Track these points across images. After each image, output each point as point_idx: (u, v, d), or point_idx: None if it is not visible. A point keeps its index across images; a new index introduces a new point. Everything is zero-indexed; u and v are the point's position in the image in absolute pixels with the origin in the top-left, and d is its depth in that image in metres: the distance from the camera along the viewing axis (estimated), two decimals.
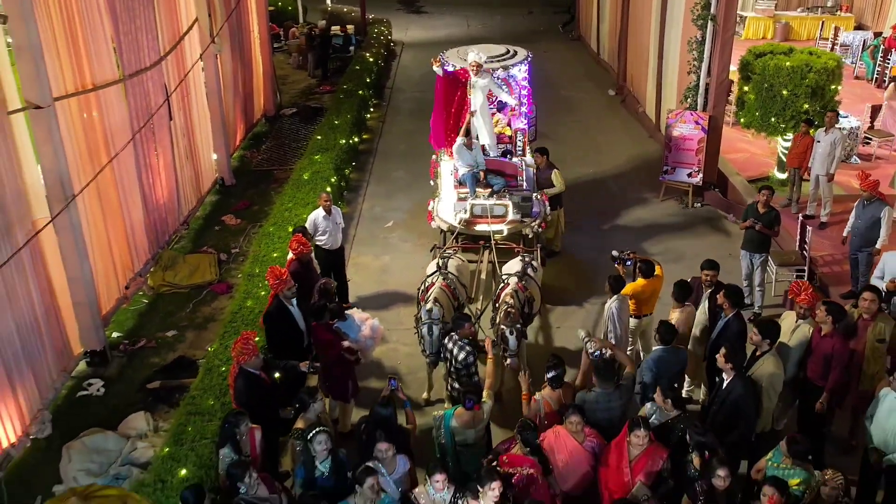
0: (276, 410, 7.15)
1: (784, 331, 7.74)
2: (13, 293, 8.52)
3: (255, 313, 9.47)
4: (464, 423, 6.86)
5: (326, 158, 14.33)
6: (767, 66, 13.10)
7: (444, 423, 6.85)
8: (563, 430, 6.62)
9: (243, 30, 17.47)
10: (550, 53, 25.19)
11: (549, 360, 7.24)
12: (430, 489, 5.95)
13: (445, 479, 5.92)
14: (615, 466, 6.31)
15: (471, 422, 6.88)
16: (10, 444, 8.49)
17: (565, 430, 6.59)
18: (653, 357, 7.46)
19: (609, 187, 15.04)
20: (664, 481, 6.17)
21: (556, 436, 6.67)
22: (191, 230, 13.72)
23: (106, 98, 10.63)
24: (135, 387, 9.76)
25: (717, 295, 8.02)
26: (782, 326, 7.90)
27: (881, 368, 7.67)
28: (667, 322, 7.66)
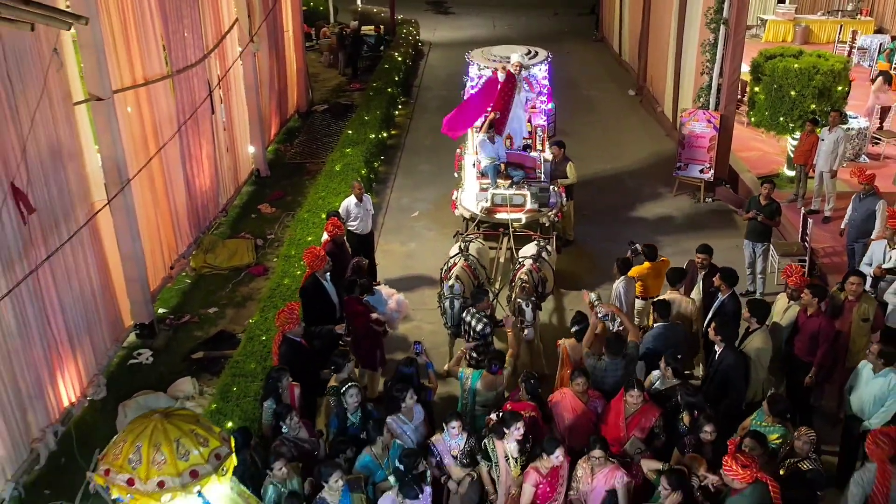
0: (315, 372, 7.98)
1: (777, 311, 8.46)
2: (74, 269, 9.40)
3: (292, 290, 10.32)
4: (486, 385, 7.67)
5: (357, 152, 15.18)
6: (777, 67, 13.76)
7: (472, 382, 7.67)
8: (569, 391, 7.39)
9: (279, 29, 18.36)
10: (574, 54, 25.93)
11: (574, 317, 8.28)
12: (446, 436, 6.75)
13: (460, 425, 6.72)
14: (613, 423, 7.07)
15: (492, 384, 7.69)
16: (70, 403, 9.39)
17: (571, 391, 7.36)
18: (652, 332, 8.20)
19: (625, 182, 15.75)
20: (656, 436, 6.93)
21: (562, 396, 7.45)
22: (229, 217, 14.62)
23: (155, 92, 11.52)
24: (180, 357, 10.65)
25: (711, 277, 8.76)
26: (776, 307, 8.64)
27: (866, 346, 8.35)
28: (662, 299, 8.39)
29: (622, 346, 7.66)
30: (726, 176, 14.73)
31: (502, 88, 12.26)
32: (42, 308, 8.69)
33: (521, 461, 6.57)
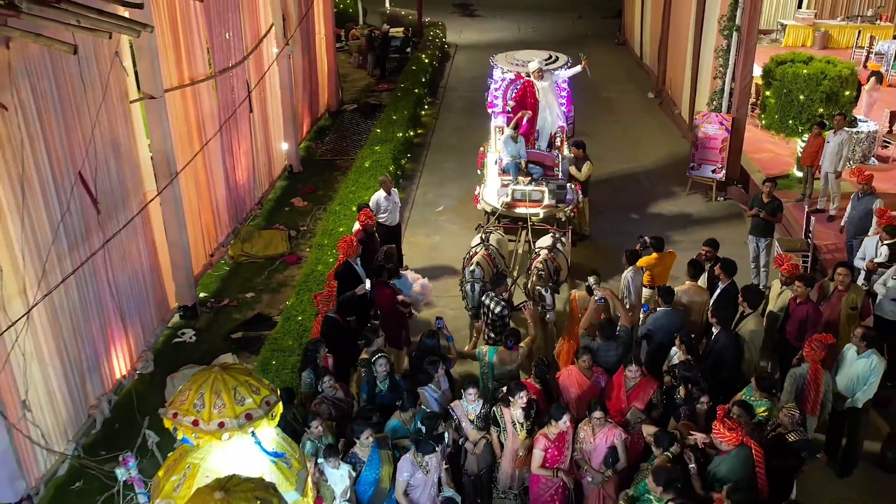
0: (350, 346, 8.80)
1: (772, 296, 9.17)
2: (128, 253, 10.31)
3: (325, 276, 11.15)
4: (501, 360, 8.46)
5: (385, 149, 16.01)
6: (787, 73, 14.41)
7: (489, 358, 8.47)
8: (575, 368, 8.15)
9: (311, 32, 19.22)
10: (596, 57, 26.26)
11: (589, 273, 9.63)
12: (464, 402, 7.54)
13: (476, 392, 7.51)
14: (615, 397, 7.82)
15: (507, 359, 8.48)
16: (122, 376, 10.29)
17: (577, 368, 8.12)
18: (653, 316, 8.94)
19: (640, 181, 16.45)
20: (654, 407, 7.67)
21: (569, 373, 8.22)
22: (264, 210, 15.50)
23: (199, 91, 12.42)
24: (220, 336, 11.53)
25: (714, 267, 9.48)
26: (771, 292, 9.38)
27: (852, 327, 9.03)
28: (667, 287, 9.12)
29: (614, 329, 8.43)
30: (737, 176, 15.38)
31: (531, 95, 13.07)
32: (99, 288, 9.58)
33: (527, 426, 7.34)
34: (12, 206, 7.77)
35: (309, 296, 10.80)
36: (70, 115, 8.75)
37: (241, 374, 5.54)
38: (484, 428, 7.55)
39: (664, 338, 8.60)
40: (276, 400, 5.47)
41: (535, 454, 7.31)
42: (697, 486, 6.78)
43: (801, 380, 7.80)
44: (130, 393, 10.24)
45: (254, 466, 5.34)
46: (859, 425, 8.18)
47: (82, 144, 8.92)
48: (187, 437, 5.35)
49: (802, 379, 7.79)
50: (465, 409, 7.56)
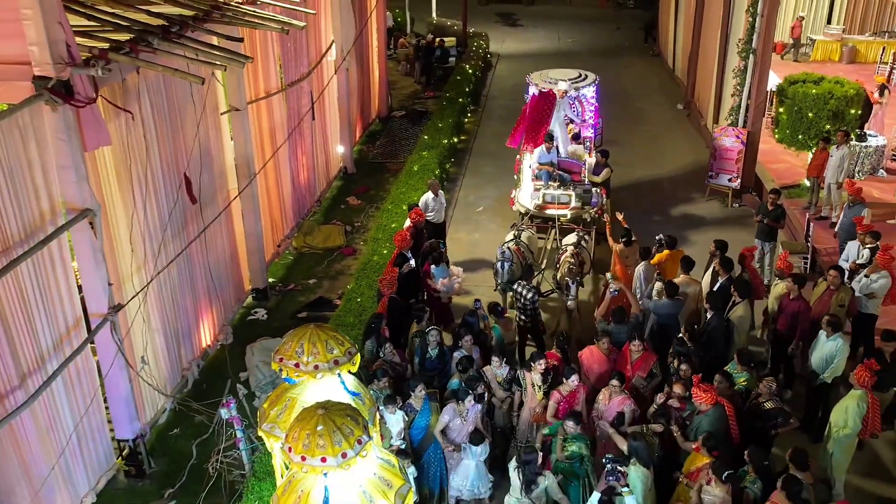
0: (406, 320, 10.59)
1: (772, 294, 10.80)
2: (215, 241, 12.15)
3: (380, 265, 12.92)
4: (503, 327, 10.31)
5: (432, 155, 17.75)
6: (798, 92, 15.85)
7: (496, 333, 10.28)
8: (596, 349, 9.78)
9: (364, 44, 21.04)
10: (630, 68, 28.11)
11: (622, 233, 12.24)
12: (493, 367, 9.25)
13: (502, 359, 9.23)
14: (622, 367, 9.46)
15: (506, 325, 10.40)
16: (207, 345, 12.15)
17: (597, 348, 9.75)
18: (657, 303, 10.55)
19: (663, 187, 17.97)
20: (654, 376, 9.30)
21: (591, 353, 9.87)
22: (322, 207, 17.33)
23: (272, 103, 14.25)
24: (288, 315, 13.33)
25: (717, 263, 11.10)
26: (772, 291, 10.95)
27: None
28: (670, 281, 10.72)
29: (625, 315, 10.08)
30: (752, 184, 16.85)
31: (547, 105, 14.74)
32: (192, 270, 11.44)
33: (543, 388, 9.03)
34: (138, 200, 9.63)
35: (366, 281, 12.60)
36: (177, 125, 10.60)
37: (330, 330, 7.30)
38: (508, 389, 9.25)
39: (666, 321, 10.21)
40: (355, 351, 7.21)
41: (550, 405, 8.96)
42: (680, 440, 8.40)
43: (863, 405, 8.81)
44: (213, 360, 12.12)
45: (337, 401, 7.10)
46: (830, 399, 9.68)
47: (185, 150, 10.78)
48: (290, 377, 7.11)
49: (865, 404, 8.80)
50: (494, 372, 9.27)
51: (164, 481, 9.88)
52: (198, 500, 9.42)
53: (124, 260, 9.53)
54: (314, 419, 6.29)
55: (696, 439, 8.18)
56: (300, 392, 7.24)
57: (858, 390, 8.82)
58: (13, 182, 7.65)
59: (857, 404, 8.82)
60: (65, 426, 8.75)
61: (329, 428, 6.19)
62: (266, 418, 7.35)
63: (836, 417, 8.99)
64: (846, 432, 8.95)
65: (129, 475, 9.91)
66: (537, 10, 39.24)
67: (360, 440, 6.28)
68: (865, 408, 8.86)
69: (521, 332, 11.28)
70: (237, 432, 9.33)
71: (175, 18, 9.92)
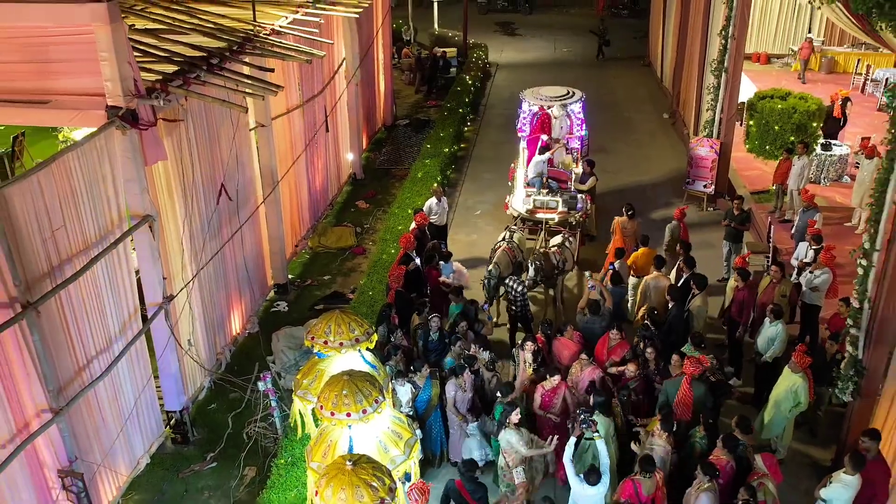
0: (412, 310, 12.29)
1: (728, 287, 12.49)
2: (244, 242, 13.81)
3: (388, 263, 14.59)
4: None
5: (434, 163, 19.43)
6: (765, 107, 17.52)
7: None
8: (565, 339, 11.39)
9: (371, 59, 22.71)
10: (620, 78, 29.76)
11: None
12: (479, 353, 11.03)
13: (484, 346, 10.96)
14: (599, 352, 11.18)
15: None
16: (237, 333, 13.84)
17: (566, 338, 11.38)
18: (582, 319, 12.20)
19: (646, 192, 19.62)
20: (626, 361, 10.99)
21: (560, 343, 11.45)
22: (334, 210, 19.02)
23: (293, 118, 15.93)
24: (306, 307, 15.01)
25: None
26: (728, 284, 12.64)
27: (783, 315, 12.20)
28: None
29: (598, 308, 11.75)
30: (725, 190, 18.51)
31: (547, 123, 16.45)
32: (226, 267, 13.12)
33: (533, 366, 10.71)
34: (185, 207, 11.32)
35: (377, 277, 14.30)
36: (214, 141, 12.27)
37: (352, 315, 9.00)
38: (492, 369, 10.95)
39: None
40: (372, 332, 8.91)
41: (535, 397, 10.59)
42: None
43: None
44: (242, 346, 13.83)
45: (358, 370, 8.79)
46: (773, 376, 11.33)
47: (221, 163, 12.47)
48: (320, 352, 8.82)
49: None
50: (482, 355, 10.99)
51: (206, 447, 11.58)
52: (237, 461, 11.13)
53: (175, 258, 11.22)
54: (341, 383, 8.01)
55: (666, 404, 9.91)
56: (327, 365, 8.96)
57: (799, 372, 10.47)
58: (91, 194, 9.33)
59: (804, 383, 10.46)
60: (126, 398, 10.43)
61: (352, 390, 7.91)
62: (300, 386, 9.10)
63: (785, 396, 10.61)
64: (800, 409, 10.62)
65: (175, 442, 11.61)
66: (535, 20, 40.93)
67: (377, 400, 8.00)
68: (808, 383, 10.54)
69: (512, 320, 13.00)
70: (272, 402, 11.04)
71: (214, 51, 11.62)
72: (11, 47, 9.72)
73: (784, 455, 10.95)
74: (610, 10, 41.88)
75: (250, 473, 11.00)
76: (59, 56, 9.62)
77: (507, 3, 42.80)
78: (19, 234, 8.15)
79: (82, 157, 9.15)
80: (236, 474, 11.01)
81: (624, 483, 9.01)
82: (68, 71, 9.67)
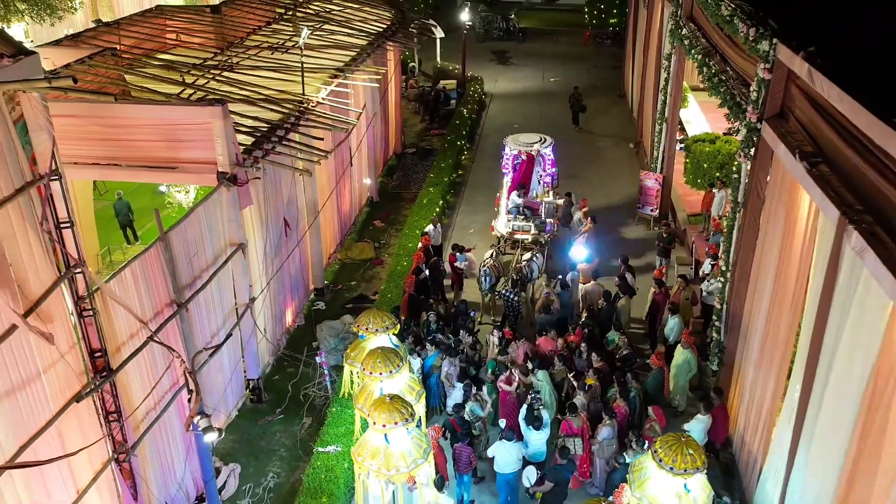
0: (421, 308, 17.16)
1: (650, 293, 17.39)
2: (294, 258, 18.60)
3: (402, 273, 19.37)
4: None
5: (437, 190, 24.22)
6: (697, 148, 22.28)
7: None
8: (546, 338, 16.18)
9: (385, 98, 27.47)
10: (598, 108, 34.35)
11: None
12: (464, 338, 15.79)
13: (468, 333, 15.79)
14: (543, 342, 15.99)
15: None
16: (289, 325, 18.65)
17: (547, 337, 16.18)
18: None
19: (607, 213, 24.31)
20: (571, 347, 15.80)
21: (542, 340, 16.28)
22: (356, 228, 23.82)
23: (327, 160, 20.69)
24: (339, 306, 19.79)
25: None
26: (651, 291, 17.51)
27: (689, 312, 16.99)
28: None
29: (550, 308, 16.55)
30: (668, 213, 23.28)
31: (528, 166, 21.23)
32: (283, 276, 17.91)
33: (499, 347, 15.52)
34: (262, 236, 16.11)
35: (394, 284, 19.09)
36: (278, 188, 17.04)
37: (383, 311, 13.84)
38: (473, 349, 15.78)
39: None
40: (397, 322, 13.74)
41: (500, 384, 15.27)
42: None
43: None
44: (293, 335, 18.63)
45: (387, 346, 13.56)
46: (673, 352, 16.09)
47: (282, 202, 17.26)
48: (363, 335, 13.66)
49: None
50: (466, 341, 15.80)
51: (274, 406, 16.37)
52: (298, 414, 15.95)
53: (255, 271, 16.03)
54: (376, 354, 12.83)
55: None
56: (367, 343, 13.77)
57: (688, 349, 15.26)
58: (210, 231, 14.10)
59: (693, 356, 15.27)
60: (227, 368, 15.21)
61: (384, 359, 12.72)
62: (349, 357, 13.92)
63: (680, 367, 15.42)
64: (692, 373, 15.45)
65: (252, 402, 16.40)
66: (527, 48, 45.64)
67: (399, 365, 12.79)
68: (694, 357, 15.37)
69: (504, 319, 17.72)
70: (325, 371, 15.89)
71: (276, 123, 16.40)
72: (154, 131, 14.44)
73: (683, 408, 15.72)
74: (595, 39, 46.56)
75: (308, 422, 15.80)
76: (186, 137, 14.35)
77: (502, 32, 47.52)
78: (176, 259, 12.92)
79: (206, 207, 13.95)
80: (298, 422, 15.82)
81: (561, 424, 13.79)
82: (191, 147, 14.40)
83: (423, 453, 11.84)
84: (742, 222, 13.90)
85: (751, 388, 13.18)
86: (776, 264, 12.13)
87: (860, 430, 8.84)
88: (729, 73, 15.16)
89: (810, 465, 10.44)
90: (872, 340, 8.52)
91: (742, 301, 13.99)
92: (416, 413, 11.95)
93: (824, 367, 9.95)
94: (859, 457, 8.90)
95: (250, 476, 14.56)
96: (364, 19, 27.30)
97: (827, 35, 11.56)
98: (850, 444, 9.09)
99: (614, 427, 13.39)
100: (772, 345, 12.26)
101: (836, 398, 9.60)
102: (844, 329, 9.30)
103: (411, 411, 11.80)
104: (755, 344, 13.05)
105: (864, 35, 11.63)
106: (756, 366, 12.94)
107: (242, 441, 15.41)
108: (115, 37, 20.84)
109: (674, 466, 10.62)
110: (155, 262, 12.34)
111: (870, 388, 8.65)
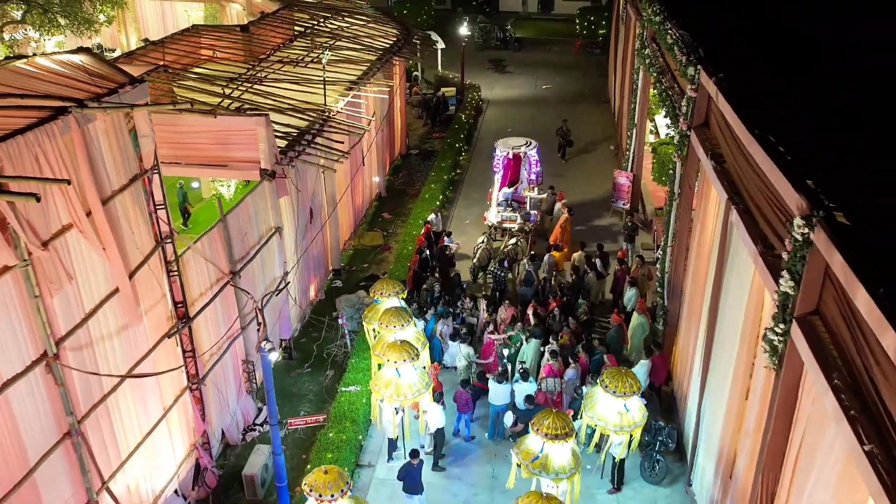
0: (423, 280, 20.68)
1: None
2: (317, 242, 22.10)
3: (406, 257, 22.87)
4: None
5: (437, 187, 27.75)
6: (662, 150, 25.79)
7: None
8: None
9: (391, 104, 30.96)
10: (584, 114, 37.81)
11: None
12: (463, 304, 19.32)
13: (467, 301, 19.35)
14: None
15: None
16: (312, 298, 22.17)
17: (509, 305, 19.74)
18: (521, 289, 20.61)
19: (587, 207, 27.83)
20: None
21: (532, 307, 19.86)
22: (367, 219, 27.34)
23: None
24: (354, 284, 23.30)
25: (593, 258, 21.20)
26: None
27: (647, 286, 20.51)
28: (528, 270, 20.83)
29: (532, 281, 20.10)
30: (638, 206, 26.80)
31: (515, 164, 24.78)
32: (309, 258, 21.43)
33: (488, 310, 19.06)
34: (293, 221, 19.63)
35: (401, 265, 22.59)
36: (305, 182, 20.56)
37: (393, 280, 17.38)
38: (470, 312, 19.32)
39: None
40: (405, 289, 17.28)
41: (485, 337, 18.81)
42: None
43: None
44: (317, 305, 22.14)
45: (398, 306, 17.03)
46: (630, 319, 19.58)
47: (308, 194, 20.78)
48: (378, 299, 17.21)
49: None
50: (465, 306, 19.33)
51: (302, 361, 19.89)
52: (323, 367, 19.48)
53: (289, 250, 19.57)
54: (390, 312, 16.39)
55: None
56: (381, 305, 17.32)
57: (642, 314, 18.80)
58: (256, 215, 17.62)
59: (646, 320, 18.80)
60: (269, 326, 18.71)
61: (396, 316, 16.29)
62: (367, 317, 17.46)
63: (635, 329, 18.94)
64: (646, 334, 18.98)
65: (284, 358, 19.91)
66: (523, 57, 49.02)
67: (408, 321, 16.36)
68: (647, 321, 18.89)
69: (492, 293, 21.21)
70: (346, 331, 19.45)
71: (304, 129, 19.92)
72: (209, 135, 17.90)
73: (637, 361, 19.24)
74: (585, 49, 50.01)
75: (330, 374, 19.32)
76: (235, 140, 17.82)
77: (499, 42, 51.00)
78: (232, 236, 16.43)
79: (253, 197, 17.48)
80: (323, 374, 19.35)
81: (543, 367, 17.31)
82: (239, 149, 17.89)
83: (425, 385, 15.39)
84: (678, 210, 17.42)
85: (683, 338, 16.72)
86: (698, 240, 15.67)
87: (743, 356, 12.34)
88: (675, 90, 18.67)
89: (712, 389, 13.99)
90: (743, 286, 12.05)
91: (680, 273, 17.51)
92: (420, 355, 15.56)
93: (721, 312, 13.50)
94: (738, 376, 12.44)
95: (285, 414, 18.05)
96: (372, 36, 30.79)
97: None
98: (735, 367, 12.61)
99: (578, 371, 16.92)
100: (695, 302, 15.79)
101: (724, 332, 13.15)
102: (731, 281, 12.84)
103: (417, 352, 15.36)
104: (686, 304, 16.59)
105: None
106: (686, 321, 16.48)
107: (277, 389, 18.77)
108: (159, 54, 24.37)
109: (616, 390, 14.17)
110: (217, 238, 15.89)
111: (745, 326, 12.16)
